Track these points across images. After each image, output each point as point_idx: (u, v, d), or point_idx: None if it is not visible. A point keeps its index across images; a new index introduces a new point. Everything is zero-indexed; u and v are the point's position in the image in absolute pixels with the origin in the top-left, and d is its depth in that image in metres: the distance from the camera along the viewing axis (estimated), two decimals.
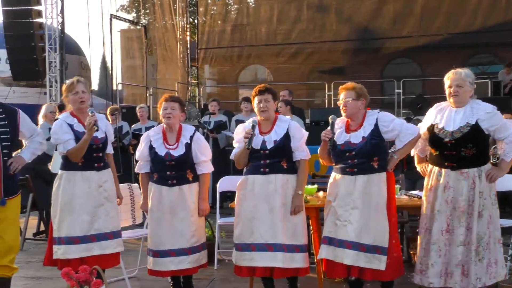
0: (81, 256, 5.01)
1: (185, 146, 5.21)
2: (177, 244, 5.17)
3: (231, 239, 7.60)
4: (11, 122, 4.85)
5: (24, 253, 7.37)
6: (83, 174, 5.07)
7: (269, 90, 5.05)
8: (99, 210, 5.10)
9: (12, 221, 4.94)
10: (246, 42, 18.15)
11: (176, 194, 5.17)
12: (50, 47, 13.59)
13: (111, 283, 4.99)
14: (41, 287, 5.96)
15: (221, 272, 6.32)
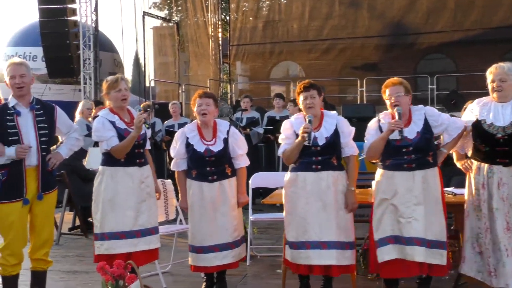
0: (127, 251, 5.07)
1: (223, 141, 5.24)
2: (221, 239, 5.20)
3: (263, 235, 7.70)
4: (49, 119, 4.94)
5: (60, 247, 7.48)
6: (126, 170, 5.11)
7: (314, 85, 5.01)
8: (142, 206, 5.15)
9: (48, 216, 5.04)
10: (278, 38, 18.12)
11: (217, 189, 5.19)
12: (85, 45, 13.75)
13: (144, 278, 5.04)
14: (77, 281, 6.05)
15: (253, 268, 6.34)
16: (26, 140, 4.77)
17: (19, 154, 4.71)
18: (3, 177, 4.78)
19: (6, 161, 4.75)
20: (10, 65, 4.88)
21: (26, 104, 4.87)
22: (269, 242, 7.29)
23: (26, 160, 4.76)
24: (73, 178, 7.98)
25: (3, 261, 4.85)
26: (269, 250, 6.91)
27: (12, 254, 4.83)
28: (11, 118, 4.77)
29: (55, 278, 5.89)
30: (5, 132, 4.74)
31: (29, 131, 4.82)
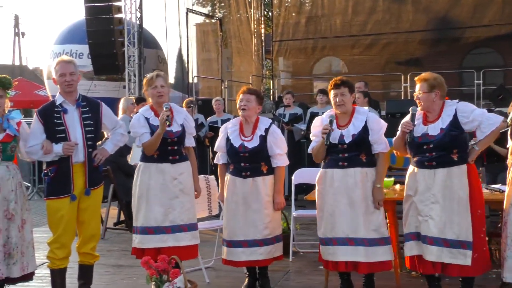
0: (155, 247, 5.14)
1: (259, 138, 5.24)
2: (250, 235, 5.22)
3: (306, 232, 7.69)
4: (95, 115, 5.03)
5: (106, 242, 7.62)
6: (158, 166, 5.18)
7: (345, 83, 4.99)
8: (174, 202, 5.20)
9: (94, 211, 5.14)
10: (321, 34, 18.01)
11: (250, 185, 5.22)
12: (129, 42, 13.91)
13: (188, 273, 5.08)
14: (122, 274, 6.15)
15: (296, 264, 6.34)
16: (73, 137, 4.87)
17: (66, 151, 4.82)
18: (51, 174, 4.90)
19: (54, 157, 4.87)
20: (60, 62, 4.97)
21: (72, 101, 4.97)
22: (312, 239, 7.27)
23: (73, 157, 4.87)
24: (118, 174, 8.11)
25: (51, 255, 4.97)
26: (311, 247, 6.90)
27: (61, 247, 4.95)
28: (58, 115, 4.89)
29: (100, 272, 6.00)
30: (52, 130, 4.85)
31: (76, 128, 4.92)
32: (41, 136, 4.87)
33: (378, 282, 5.13)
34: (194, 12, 16.83)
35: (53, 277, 5.06)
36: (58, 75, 4.94)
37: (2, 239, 4.76)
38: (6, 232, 4.79)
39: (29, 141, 4.91)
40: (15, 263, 4.83)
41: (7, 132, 4.83)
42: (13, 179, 4.88)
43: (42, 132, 4.88)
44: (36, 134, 4.89)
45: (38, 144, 4.86)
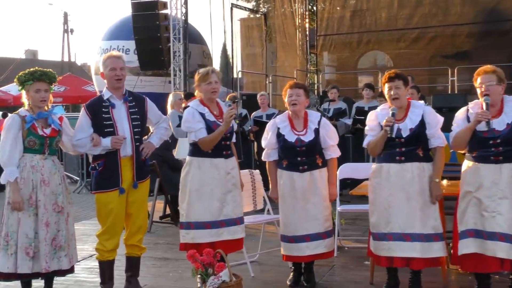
0: (211, 241, 5.16)
1: (314, 132, 5.25)
2: (312, 229, 5.22)
3: (351, 227, 7.64)
4: (141, 110, 5.10)
5: (152, 235, 7.71)
6: (212, 161, 5.19)
7: (400, 76, 4.92)
8: (227, 196, 5.22)
9: (142, 204, 5.21)
10: (366, 27, 17.82)
11: (308, 179, 5.22)
12: (175, 37, 14.01)
13: (233, 267, 5.11)
14: (168, 267, 6.22)
15: (341, 259, 6.31)
16: (121, 131, 4.94)
17: (114, 144, 4.90)
18: (99, 167, 4.98)
19: (101, 151, 4.95)
20: (110, 57, 5.04)
21: (119, 96, 5.04)
22: (357, 234, 7.23)
23: (121, 151, 4.94)
24: (164, 168, 8.19)
25: (100, 246, 5.06)
26: (356, 242, 6.86)
27: (110, 239, 5.03)
28: (106, 110, 4.96)
29: (147, 265, 6.08)
30: (101, 124, 4.93)
31: (123, 122, 4.99)
32: (89, 130, 4.95)
33: (424, 279, 5.06)
34: (238, 7, 16.84)
35: (101, 269, 5.15)
36: (108, 69, 5.00)
37: (51, 232, 4.85)
38: (56, 225, 4.88)
39: (77, 134, 4.99)
40: (66, 256, 4.92)
41: (52, 127, 4.92)
42: (59, 173, 4.97)
43: (90, 126, 4.96)
44: (84, 127, 4.97)
45: (86, 137, 4.94)
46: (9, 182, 4.77)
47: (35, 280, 5.03)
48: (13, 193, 4.76)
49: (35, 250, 4.78)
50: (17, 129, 4.79)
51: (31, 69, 4.92)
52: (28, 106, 4.91)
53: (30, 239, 4.77)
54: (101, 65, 5.07)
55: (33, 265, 4.78)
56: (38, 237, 4.79)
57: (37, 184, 4.81)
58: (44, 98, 4.88)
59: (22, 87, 4.91)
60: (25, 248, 4.76)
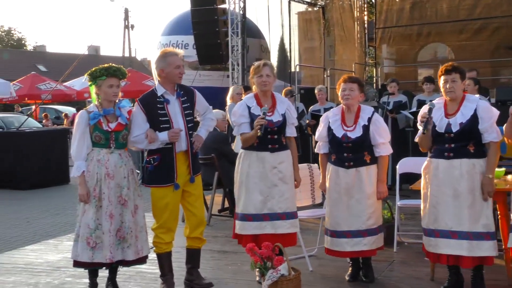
0: (253, 233, 5.20)
1: (362, 128, 5.18)
2: (353, 226, 5.18)
3: (411, 222, 7.53)
4: (191, 104, 5.18)
5: (211, 228, 7.77)
6: (258, 155, 5.23)
7: (457, 69, 4.79)
8: (273, 191, 5.23)
9: (199, 196, 5.30)
10: (426, 19, 17.49)
11: (353, 176, 5.17)
12: (233, 32, 14.08)
13: (291, 261, 5.11)
14: (227, 260, 6.26)
15: (400, 255, 6.22)
16: (176, 127, 5.01)
17: (172, 138, 4.96)
18: (155, 162, 5.05)
19: (159, 146, 5.02)
20: (172, 54, 5.09)
21: (172, 91, 5.10)
22: (416, 229, 7.09)
23: (176, 146, 5.00)
24: (222, 161, 8.24)
25: (157, 240, 5.14)
26: (416, 237, 6.74)
27: (167, 232, 5.11)
28: (161, 106, 5.02)
29: (206, 257, 6.14)
30: (156, 120, 4.99)
31: (178, 117, 5.06)
32: (145, 126, 5.02)
33: (488, 276, 4.94)
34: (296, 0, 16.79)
35: (160, 261, 5.23)
36: (173, 67, 5.04)
37: (116, 223, 4.97)
38: (120, 217, 5.00)
39: (134, 131, 5.07)
40: (129, 247, 5.02)
41: (119, 121, 5.02)
42: (126, 166, 5.07)
43: (145, 121, 5.03)
44: (140, 123, 5.04)
45: (143, 133, 5.02)
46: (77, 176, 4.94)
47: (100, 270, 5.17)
48: (79, 185, 4.94)
49: (97, 241, 4.91)
50: (84, 125, 4.93)
51: (104, 65, 5.04)
52: (97, 101, 5.02)
53: (91, 230, 4.91)
54: (160, 61, 5.07)
55: (93, 254, 4.91)
56: (102, 228, 4.91)
57: (102, 177, 4.94)
58: (116, 93, 5.01)
59: (94, 82, 5.01)
60: (86, 238, 4.91)
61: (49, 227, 8.48)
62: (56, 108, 29.83)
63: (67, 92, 24.13)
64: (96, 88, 5.00)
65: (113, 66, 5.06)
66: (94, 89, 5.04)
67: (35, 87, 23.73)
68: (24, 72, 30.80)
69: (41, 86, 23.77)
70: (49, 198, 11.14)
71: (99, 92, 5.00)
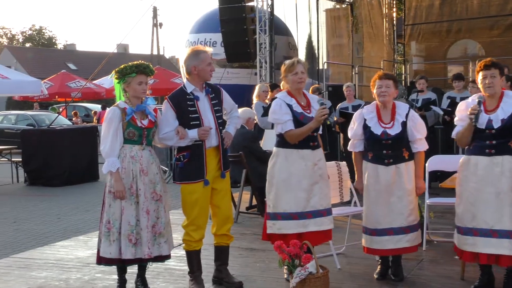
0: (298, 232, 5.17)
1: (401, 125, 5.16)
2: (395, 223, 5.15)
3: (440, 220, 7.46)
4: (219, 101, 5.20)
5: (239, 225, 7.79)
6: (300, 153, 5.19)
7: (496, 64, 4.73)
8: (314, 188, 5.21)
9: (227, 193, 5.31)
10: (456, 15, 17.26)
11: (393, 173, 5.14)
12: (261, 29, 14.09)
13: (319, 258, 5.09)
14: (255, 258, 6.27)
15: (429, 253, 6.17)
16: (206, 123, 5.04)
17: (202, 135, 4.99)
18: (185, 159, 5.09)
19: (189, 143, 5.05)
20: (203, 52, 5.13)
21: (201, 89, 5.14)
22: (446, 227, 7.03)
23: (206, 142, 5.02)
24: (251, 159, 8.25)
25: (187, 237, 5.17)
26: (446, 236, 6.68)
27: (197, 229, 5.13)
28: (191, 103, 5.05)
29: (234, 255, 6.14)
30: (186, 117, 5.03)
31: (208, 114, 5.08)
32: (174, 123, 5.05)
33: None
34: None
35: (189, 258, 5.25)
36: (206, 64, 5.08)
37: (151, 220, 5.01)
38: (155, 213, 5.04)
39: (163, 128, 5.11)
40: (166, 242, 5.08)
41: (149, 118, 5.06)
42: (155, 163, 5.14)
43: (175, 118, 5.06)
44: (169, 121, 5.08)
45: (172, 130, 5.05)
46: (111, 172, 4.95)
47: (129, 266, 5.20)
48: (116, 182, 4.93)
49: (136, 237, 4.95)
50: (117, 121, 4.95)
51: (134, 62, 5.08)
52: (126, 98, 5.06)
53: (132, 227, 4.95)
54: (192, 58, 5.10)
55: (135, 251, 4.95)
56: (140, 224, 4.95)
57: (137, 173, 4.97)
58: (145, 90, 5.05)
59: (122, 79, 5.04)
60: (128, 235, 4.94)
61: (79, 223, 8.58)
62: (86, 106, 30.16)
63: (96, 90, 24.38)
64: (125, 85, 5.03)
65: (143, 63, 5.10)
66: (121, 86, 5.08)
67: (65, 85, 24.03)
68: (55, 70, 31.22)
69: (71, 84, 24.06)
70: (79, 195, 11.27)
71: (127, 89, 5.03)
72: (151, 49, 41.14)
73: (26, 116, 22.39)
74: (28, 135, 13.49)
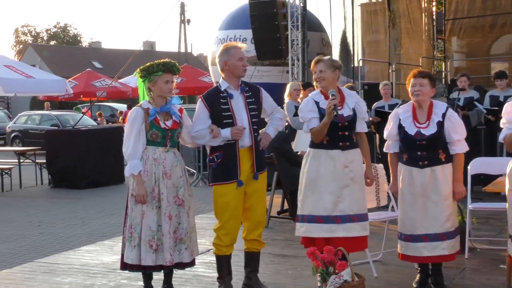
0: (323, 236, 5.15)
1: (437, 125, 5.09)
2: (431, 229, 5.09)
3: (484, 226, 7.36)
4: (257, 100, 5.21)
5: (270, 230, 7.78)
6: (328, 153, 5.17)
7: None
8: (344, 191, 5.17)
9: (261, 196, 5.30)
10: (500, 9, 16.99)
11: (428, 176, 5.09)
12: (293, 25, 14.07)
13: (355, 266, 5.05)
14: (287, 265, 6.25)
15: (472, 262, 6.08)
16: (239, 122, 5.05)
17: (235, 135, 5.01)
18: (218, 159, 5.11)
19: (220, 142, 5.06)
20: (235, 47, 5.17)
21: (236, 86, 5.15)
22: (490, 234, 6.94)
23: (239, 142, 5.04)
24: (282, 161, 8.24)
25: (218, 241, 5.18)
26: (490, 243, 6.58)
27: (228, 234, 5.13)
28: (224, 101, 5.08)
29: (265, 261, 6.14)
30: (219, 115, 5.05)
31: (242, 113, 5.09)
32: (207, 121, 5.09)
33: None
34: None
35: (219, 264, 5.26)
36: (237, 59, 5.11)
37: (173, 225, 5.03)
38: (177, 218, 5.06)
39: (195, 126, 5.15)
40: (187, 249, 5.09)
41: (174, 119, 5.09)
42: (180, 165, 5.15)
43: (208, 117, 5.09)
44: (202, 119, 5.11)
45: (205, 129, 5.07)
46: (133, 175, 4.98)
47: (155, 272, 5.23)
48: (137, 186, 4.97)
49: (158, 243, 4.97)
50: (140, 122, 4.99)
51: (160, 60, 5.11)
52: (150, 98, 5.09)
53: (153, 232, 4.97)
54: (223, 54, 5.16)
55: (156, 257, 4.98)
56: (161, 230, 4.98)
57: (159, 177, 5.00)
58: (171, 89, 5.09)
59: (148, 78, 5.07)
60: (149, 241, 4.97)
61: (104, 227, 8.67)
62: (111, 106, 30.47)
63: (122, 89, 24.60)
64: (150, 84, 5.06)
65: (170, 61, 5.13)
66: (146, 84, 5.11)
67: (90, 84, 24.31)
68: (80, 68, 31.61)
69: (96, 83, 24.32)
70: (104, 198, 11.39)
71: (153, 88, 5.06)
72: (179, 46, 41.41)
73: (51, 116, 22.69)
74: (52, 136, 13.68)
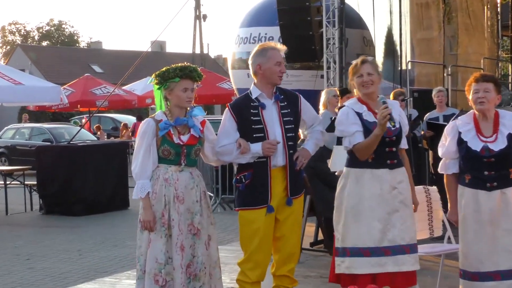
0: (371, 272, 5.10)
1: (506, 138, 5.06)
2: (503, 264, 5.04)
3: None
4: (294, 110, 5.20)
5: (301, 265, 7.73)
6: (374, 173, 5.15)
7: None
8: (393, 217, 5.14)
9: (295, 224, 5.30)
10: None
11: (498, 199, 5.05)
12: (328, 21, 14.10)
13: None
14: None
15: None
16: (272, 137, 5.07)
17: (266, 150, 5.01)
18: (246, 180, 5.10)
19: (250, 159, 5.06)
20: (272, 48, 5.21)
21: (270, 94, 5.15)
22: None
23: (271, 160, 5.03)
24: (316, 183, 8.22)
25: (242, 277, 5.18)
26: None
27: (254, 268, 5.13)
28: (255, 111, 5.09)
29: None
30: (249, 128, 5.07)
31: (275, 126, 5.11)
32: (235, 135, 5.12)
33: None
34: None
35: None
36: (273, 63, 5.15)
37: (186, 258, 5.01)
38: (191, 249, 5.04)
39: (221, 140, 5.17)
40: (202, 286, 5.06)
41: (191, 133, 5.09)
42: (197, 188, 5.13)
43: (236, 130, 5.13)
44: (229, 132, 5.14)
45: (232, 143, 5.09)
46: (140, 197, 5.01)
47: None
48: (144, 210, 5.00)
49: (167, 278, 4.97)
50: (151, 136, 5.02)
51: (178, 65, 5.15)
52: (167, 108, 5.12)
53: (160, 265, 4.97)
54: (257, 55, 5.19)
55: None
56: (173, 263, 4.97)
57: (170, 200, 5.01)
58: (191, 98, 5.11)
59: (163, 85, 5.11)
60: (154, 275, 4.97)
61: (105, 261, 8.69)
62: (114, 117, 30.65)
63: (126, 97, 24.69)
64: (166, 92, 5.09)
65: (189, 65, 5.15)
66: (162, 93, 5.14)
67: (89, 91, 24.42)
68: (77, 74, 31.90)
69: (96, 91, 24.42)
70: (105, 226, 11.42)
71: (169, 96, 5.09)
72: (193, 46, 41.72)
73: (42, 129, 22.87)
74: (44, 152, 13.76)
